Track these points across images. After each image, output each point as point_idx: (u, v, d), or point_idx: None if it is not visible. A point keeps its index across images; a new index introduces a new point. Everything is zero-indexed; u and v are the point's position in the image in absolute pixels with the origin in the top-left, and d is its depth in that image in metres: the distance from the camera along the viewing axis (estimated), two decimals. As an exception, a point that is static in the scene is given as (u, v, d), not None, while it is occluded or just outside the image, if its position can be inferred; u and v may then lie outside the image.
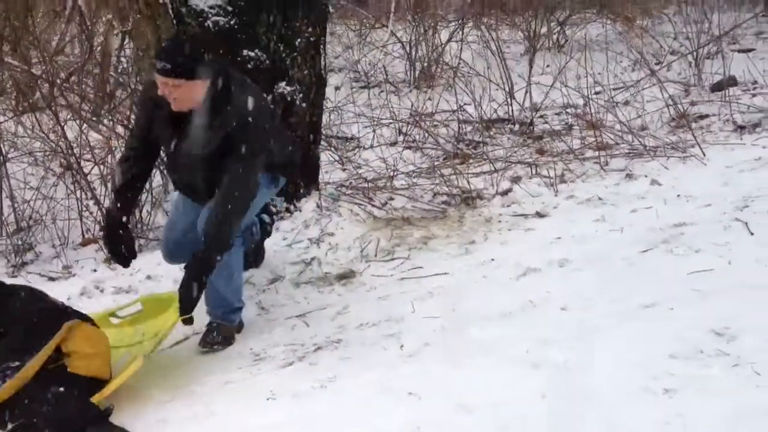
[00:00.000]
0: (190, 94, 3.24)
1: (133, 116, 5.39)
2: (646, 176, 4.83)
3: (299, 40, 4.37)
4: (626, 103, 6.23)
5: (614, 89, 6.35)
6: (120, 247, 3.48)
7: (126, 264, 3.54)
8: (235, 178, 3.26)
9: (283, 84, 4.32)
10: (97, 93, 6.04)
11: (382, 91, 6.98)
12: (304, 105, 4.44)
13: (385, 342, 3.31)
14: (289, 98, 4.34)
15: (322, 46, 4.60)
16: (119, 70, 6.82)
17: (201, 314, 3.46)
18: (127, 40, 6.91)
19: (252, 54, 4.22)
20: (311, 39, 4.46)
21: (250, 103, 3.32)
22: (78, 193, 4.77)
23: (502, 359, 2.98)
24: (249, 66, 4.20)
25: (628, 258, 3.73)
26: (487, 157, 5.28)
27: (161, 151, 3.61)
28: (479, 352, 3.08)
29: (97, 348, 3.15)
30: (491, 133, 5.79)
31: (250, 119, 3.28)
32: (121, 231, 3.47)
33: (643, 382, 2.65)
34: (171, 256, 3.67)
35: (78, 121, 5.17)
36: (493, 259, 3.99)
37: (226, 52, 4.14)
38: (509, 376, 2.86)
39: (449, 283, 3.81)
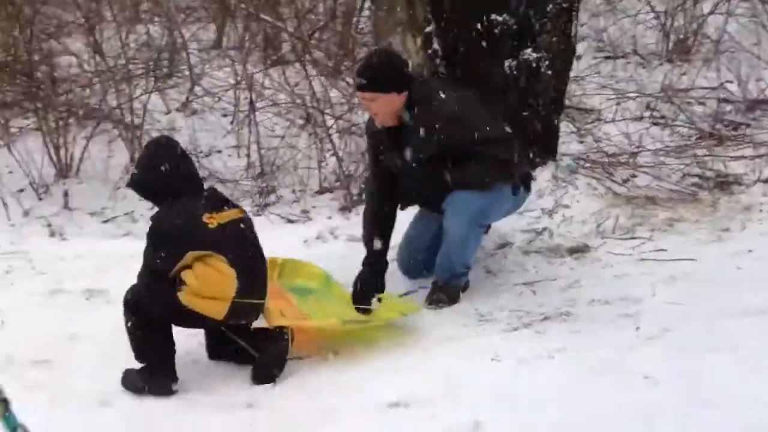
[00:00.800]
0: (386, 107, 3.36)
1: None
2: None
3: (551, 5, 4.23)
4: None
5: None
6: (370, 292, 3.47)
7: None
8: (489, 156, 3.33)
9: (528, 50, 4.18)
10: (339, 51, 6.20)
11: (628, 63, 6.57)
12: (549, 73, 4.28)
13: (620, 321, 3.15)
14: (534, 65, 4.21)
15: (575, 13, 4.43)
16: (358, 29, 6.97)
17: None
18: (368, 2, 7.03)
19: (500, 18, 4.10)
20: (564, 5, 4.30)
21: (453, 96, 3.41)
22: (318, 144, 4.94)
23: (756, 356, 2.71)
24: (495, 31, 4.10)
25: None
26: (750, 140, 4.79)
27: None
28: (728, 346, 2.82)
29: (213, 291, 2.95)
30: (755, 115, 5.24)
31: (456, 108, 3.35)
32: (379, 274, 3.51)
33: None
34: (408, 271, 3.69)
35: (321, 77, 5.36)
36: (751, 250, 3.65)
37: (473, 15, 4.10)
38: (763, 376, 2.57)
39: (697, 269, 3.54)
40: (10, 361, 3.22)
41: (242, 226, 3.06)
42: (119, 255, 4.22)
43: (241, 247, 3.01)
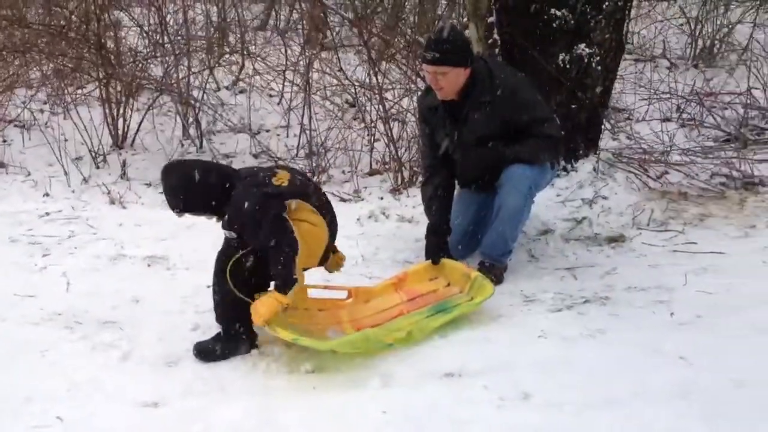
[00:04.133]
0: (455, 80, 3.50)
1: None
2: None
3: (607, 2, 4.37)
4: None
5: None
6: (439, 253, 3.66)
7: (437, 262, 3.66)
8: (542, 134, 3.53)
9: (582, 45, 4.36)
10: (387, 37, 6.39)
11: (656, 66, 6.79)
12: (599, 68, 4.45)
13: (655, 307, 3.34)
14: (585, 60, 4.38)
15: (627, 11, 4.56)
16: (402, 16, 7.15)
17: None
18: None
19: (558, 13, 4.29)
20: (619, 3, 4.44)
21: (512, 76, 3.58)
22: (368, 127, 5.15)
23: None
24: (553, 25, 4.29)
25: None
26: (774, 144, 5.02)
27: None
28: (755, 332, 3.03)
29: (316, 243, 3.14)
30: (780, 121, 5.46)
31: (515, 87, 3.53)
32: (442, 241, 3.68)
33: None
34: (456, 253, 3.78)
35: (365, 65, 5.53)
36: (776, 247, 3.84)
37: (534, 9, 4.28)
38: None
39: (725, 262, 3.74)
40: (78, 320, 3.33)
41: (299, 176, 3.23)
42: (177, 225, 4.23)
43: (315, 192, 3.21)
